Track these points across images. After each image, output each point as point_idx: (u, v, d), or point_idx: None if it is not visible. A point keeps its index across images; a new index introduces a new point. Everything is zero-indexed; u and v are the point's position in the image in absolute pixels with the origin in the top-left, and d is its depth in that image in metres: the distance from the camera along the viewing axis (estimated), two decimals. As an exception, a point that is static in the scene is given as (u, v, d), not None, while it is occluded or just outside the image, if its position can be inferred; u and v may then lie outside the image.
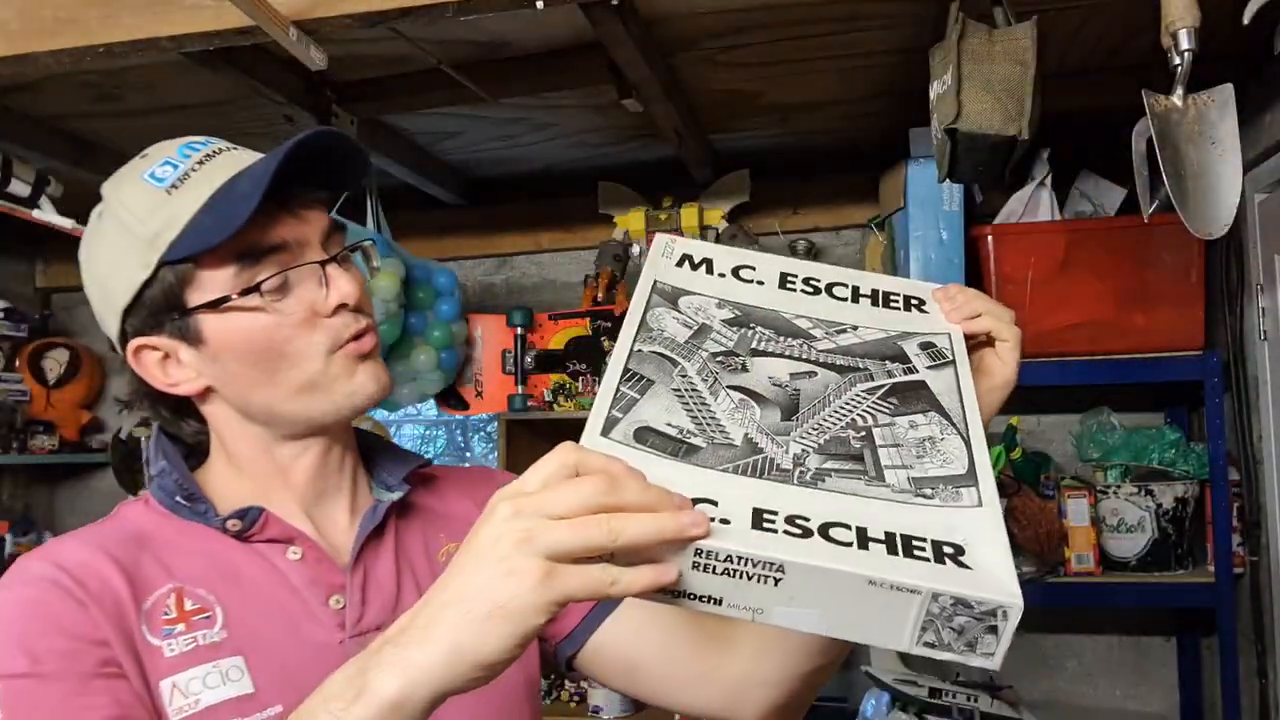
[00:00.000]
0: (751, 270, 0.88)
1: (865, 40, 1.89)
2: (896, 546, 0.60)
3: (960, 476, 0.68)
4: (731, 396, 0.73)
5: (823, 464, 0.67)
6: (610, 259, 2.67)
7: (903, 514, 0.63)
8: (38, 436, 3.04)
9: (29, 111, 2.16)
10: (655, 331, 0.79)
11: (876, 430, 0.71)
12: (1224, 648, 2.11)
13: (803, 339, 0.81)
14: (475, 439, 3.19)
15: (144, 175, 0.86)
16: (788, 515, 0.61)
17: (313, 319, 0.85)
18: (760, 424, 0.71)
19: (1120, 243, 2.21)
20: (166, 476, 0.89)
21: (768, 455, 0.67)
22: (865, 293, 0.88)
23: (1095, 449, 2.39)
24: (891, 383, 0.77)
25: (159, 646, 0.80)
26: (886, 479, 0.67)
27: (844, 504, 0.63)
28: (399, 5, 1.48)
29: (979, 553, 0.61)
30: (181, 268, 0.83)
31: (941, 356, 0.81)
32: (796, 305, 0.85)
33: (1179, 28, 1.25)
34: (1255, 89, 1.95)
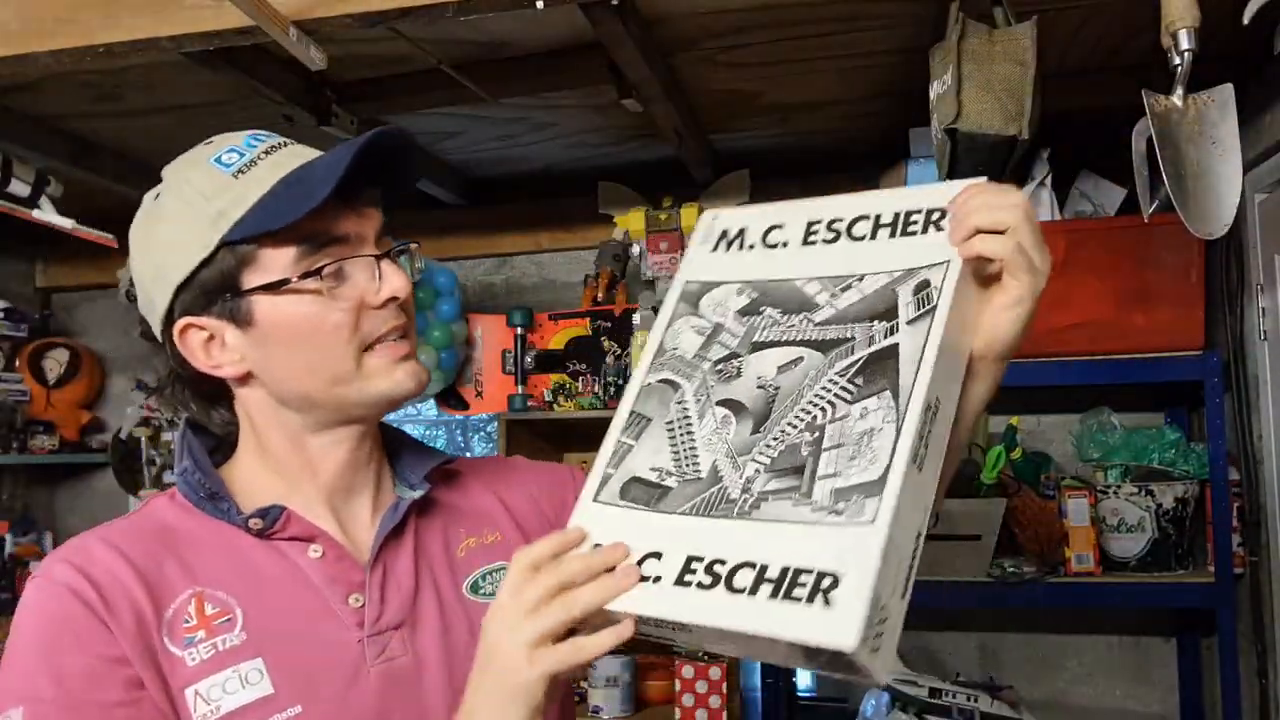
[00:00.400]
0: (780, 230, 0.91)
1: (865, 40, 1.89)
2: (781, 586, 0.70)
3: (872, 484, 0.73)
4: (716, 414, 0.83)
5: (766, 485, 0.77)
6: (610, 259, 2.67)
7: (806, 542, 0.72)
8: (38, 436, 3.04)
9: (29, 111, 2.16)
10: (669, 353, 0.88)
11: (830, 427, 0.78)
12: (1224, 648, 2.11)
13: (805, 313, 0.85)
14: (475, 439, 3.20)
15: (210, 159, 0.87)
16: (710, 561, 0.74)
17: (361, 309, 0.87)
18: (730, 444, 0.80)
19: (1120, 243, 2.21)
20: (190, 475, 0.89)
21: (724, 485, 0.78)
22: (886, 221, 0.87)
23: (1095, 449, 2.39)
24: (867, 354, 0.80)
25: (181, 656, 0.81)
26: (814, 494, 0.75)
27: (762, 537, 0.74)
28: (399, 5, 1.48)
29: (848, 584, 0.68)
30: (243, 248, 0.84)
31: (928, 302, 0.80)
32: (813, 264, 0.88)
33: (1179, 28, 1.25)
34: (1255, 89, 1.95)
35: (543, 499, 1.03)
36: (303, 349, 0.86)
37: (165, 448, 3.16)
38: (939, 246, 0.82)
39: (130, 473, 3.13)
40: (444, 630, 0.90)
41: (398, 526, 0.92)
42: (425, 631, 0.89)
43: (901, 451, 0.73)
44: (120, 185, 2.47)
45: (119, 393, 3.28)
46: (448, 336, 2.66)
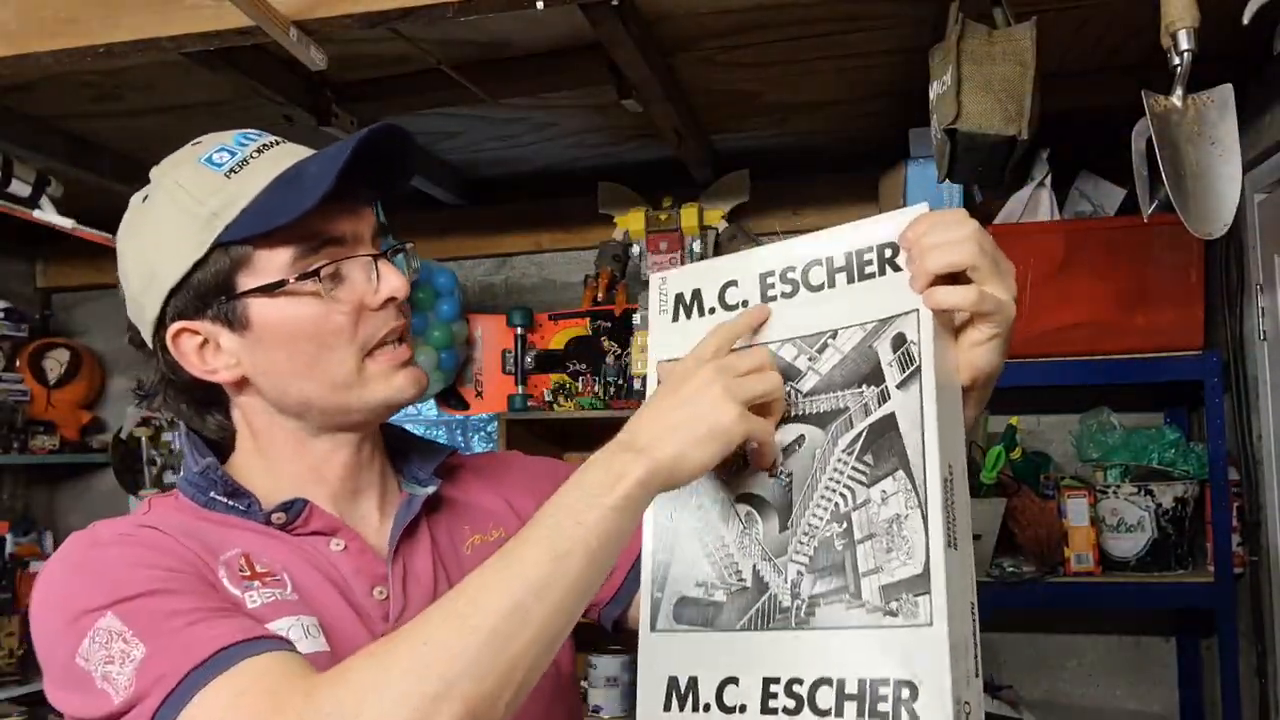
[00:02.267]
0: (736, 288, 0.87)
1: (865, 40, 1.89)
2: (865, 703, 0.71)
3: (917, 578, 0.73)
4: (739, 513, 0.82)
5: (813, 588, 0.77)
6: (610, 259, 2.67)
7: (872, 650, 0.73)
8: (38, 436, 3.04)
9: (29, 111, 2.16)
10: None
11: (855, 515, 0.77)
12: (1224, 648, 2.11)
13: (790, 382, 0.82)
14: (475, 439, 3.20)
15: (200, 159, 0.85)
16: (787, 682, 0.75)
17: (359, 311, 0.86)
18: (764, 546, 0.80)
19: (1120, 243, 2.21)
20: (212, 472, 0.88)
21: (773, 593, 0.78)
22: (840, 264, 0.82)
23: (1095, 449, 2.39)
24: (866, 427, 0.78)
25: (241, 598, 0.80)
26: (863, 594, 0.75)
27: (828, 649, 0.74)
28: (399, 5, 1.48)
29: (927, 693, 0.69)
30: (237, 250, 0.83)
31: (910, 361, 0.77)
32: (781, 324, 0.84)
33: (1179, 28, 1.25)
34: (1255, 89, 1.95)
35: (543, 493, 1.03)
36: (301, 352, 0.85)
37: (165, 448, 3.16)
38: (903, 291, 0.79)
39: (130, 473, 3.13)
40: None
41: (411, 523, 0.92)
42: None
43: (935, 539, 0.72)
44: (120, 185, 2.46)
45: (119, 393, 3.28)
46: (448, 336, 2.66)
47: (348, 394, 0.87)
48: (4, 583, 2.84)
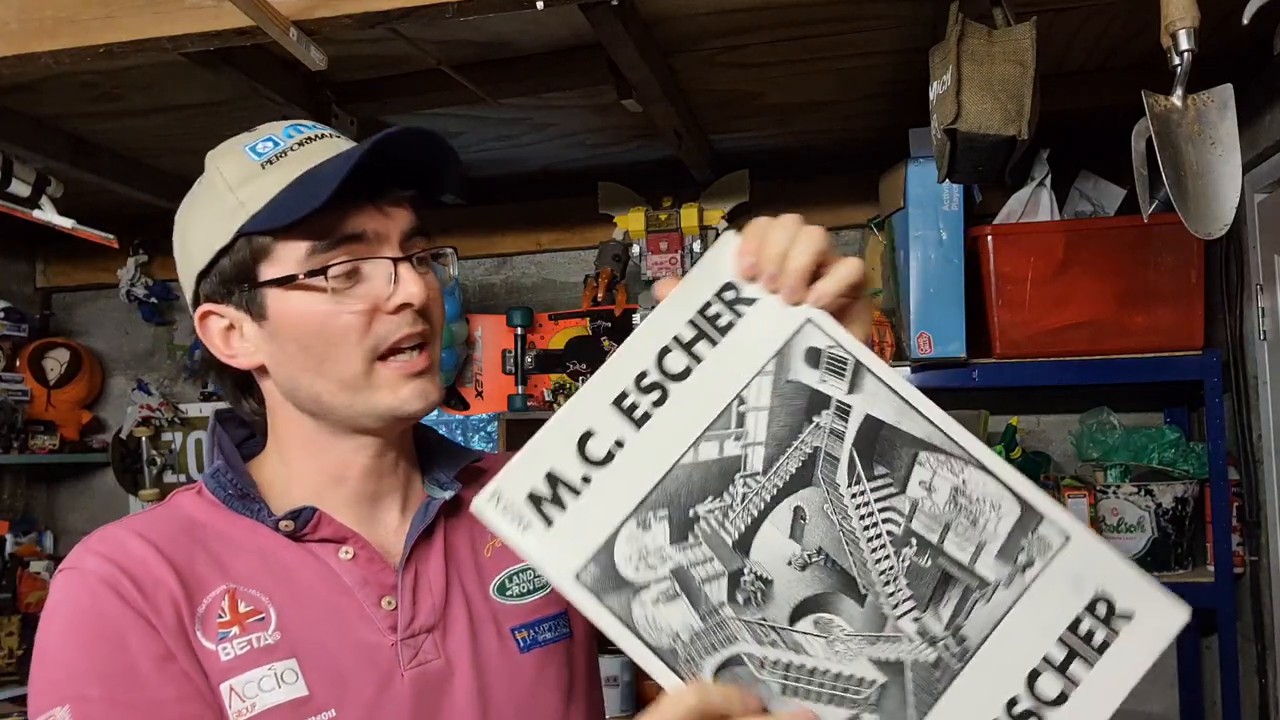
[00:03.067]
0: (595, 437, 0.72)
1: (865, 40, 1.89)
2: (1082, 654, 0.67)
3: (1021, 518, 0.69)
4: (811, 631, 0.67)
5: (943, 617, 0.68)
6: (610, 259, 2.67)
7: (1042, 609, 0.67)
8: (38, 436, 3.04)
9: (29, 111, 2.16)
10: (674, 645, 0.68)
11: (915, 525, 0.70)
12: (1224, 648, 2.11)
13: (738, 475, 0.70)
14: (475, 439, 3.20)
15: (245, 148, 0.87)
16: (1008, 706, 0.66)
17: (374, 313, 0.85)
18: (860, 633, 0.68)
19: (1120, 243, 2.21)
20: (223, 474, 0.89)
21: (911, 662, 0.67)
22: (689, 337, 0.73)
23: (1095, 449, 2.38)
24: (852, 447, 0.71)
25: (214, 650, 0.81)
26: (989, 577, 0.68)
27: (1011, 649, 0.67)
28: (399, 5, 1.48)
29: (1119, 589, 0.68)
30: (259, 241, 0.84)
31: (842, 363, 0.72)
32: (678, 434, 0.71)
33: (1179, 28, 1.25)
34: (1255, 89, 1.95)
35: None
36: (310, 348, 0.85)
37: (165, 448, 3.16)
38: (774, 314, 0.73)
39: (130, 473, 3.13)
40: (473, 633, 0.89)
41: (428, 527, 0.91)
42: (455, 634, 0.88)
43: (1004, 471, 0.70)
44: (120, 185, 2.46)
45: (119, 393, 3.28)
46: (448, 336, 2.66)
47: (354, 396, 0.86)
48: (4, 583, 2.84)
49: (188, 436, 3.17)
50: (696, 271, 0.75)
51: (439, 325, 0.89)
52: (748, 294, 0.74)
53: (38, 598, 2.90)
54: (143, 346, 3.27)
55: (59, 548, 3.22)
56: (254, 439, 0.96)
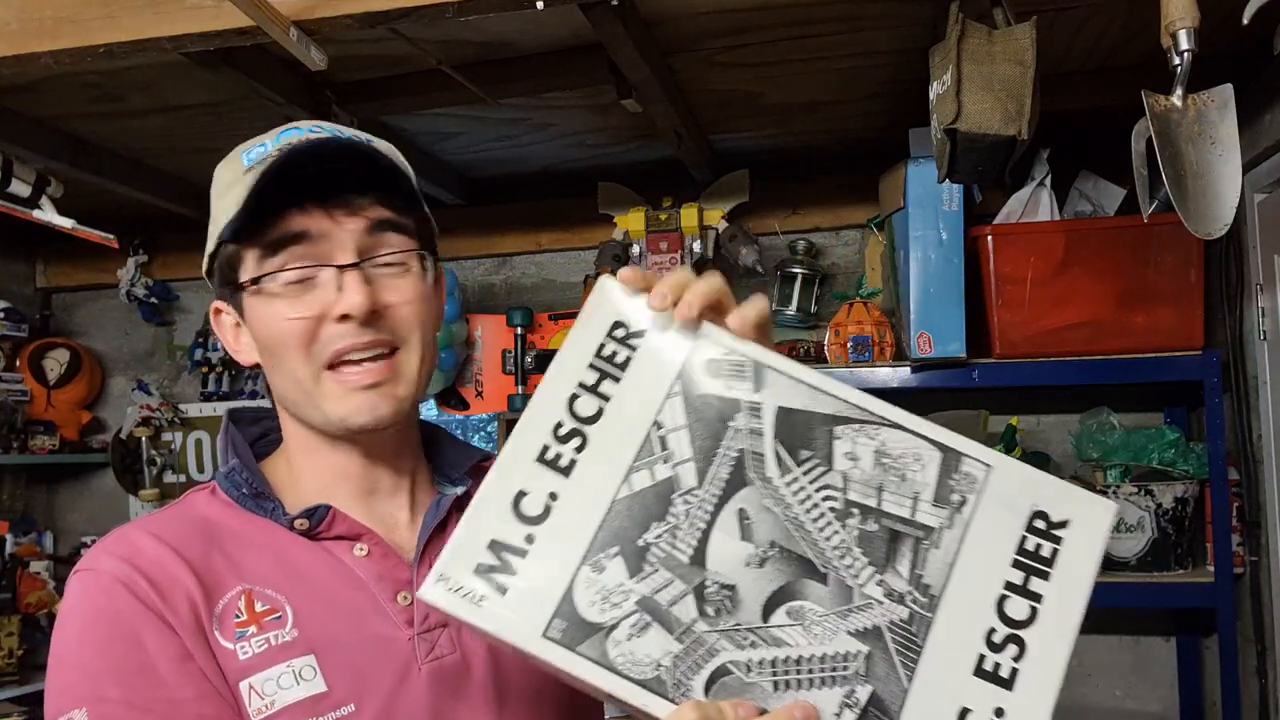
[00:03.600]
0: (528, 553, 0.71)
1: (865, 40, 1.89)
2: (1034, 571, 0.70)
3: (945, 460, 0.72)
4: (784, 623, 0.68)
5: (904, 572, 0.70)
6: (610, 259, 2.67)
7: (986, 541, 0.70)
8: (38, 436, 3.04)
9: (29, 111, 2.16)
10: (659, 675, 0.67)
11: (851, 495, 0.72)
12: (1224, 648, 2.12)
13: (676, 495, 0.71)
14: (475, 439, 3.20)
15: (243, 154, 0.87)
16: (986, 636, 0.69)
17: (320, 321, 0.84)
18: (833, 612, 0.69)
19: (1120, 243, 2.21)
20: (237, 474, 0.89)
21: (886, 625, 0.68)
22: (591, 381, 0.74)
23: (1095, 449, 2.39)
24: (771, 439, 0.73)
25: (232, 649, 0.81)
26: (931, 523, 0.71)
27: (970, 587, 0.70)
28: (399, 5, 1.48)
29: (1051, 502, 0.71)
30: (229, 248, 0.85)
31: (741, 366, 0.74)
32: (609, 478, 0.72)
33: (1179, 28, 1.25)
34: (1255, 89, 1.95)
35: None
36: (270, 351, 0.86)
37: (165, 448, 3.16)
38: (668, 338, 0.75)
39: (130, 473, 3.13)
40: None
41: (441, 524, 0.91)
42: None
43: (911, 422, 0.73)
44: (120, 185, 2.47)
45: (119, 393, 3.28)
46: (448, 336, 2.66)
47: (308, 400, 0.86)
48: (4, 583, 2.84)
49: (188, 436, 3.17)
50: (584, 317, 0.76)
51: (410, 332, 0.86)
52: (637, 327, 0.76)
53: (38, 598, 2.90)
54: (143, 346, 3.27)
55: (59, 548, 3.22)
56: (267, 437, 0.96)
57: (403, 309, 0.86)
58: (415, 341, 0.87)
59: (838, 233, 2.80)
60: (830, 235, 2.80)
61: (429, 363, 0.89)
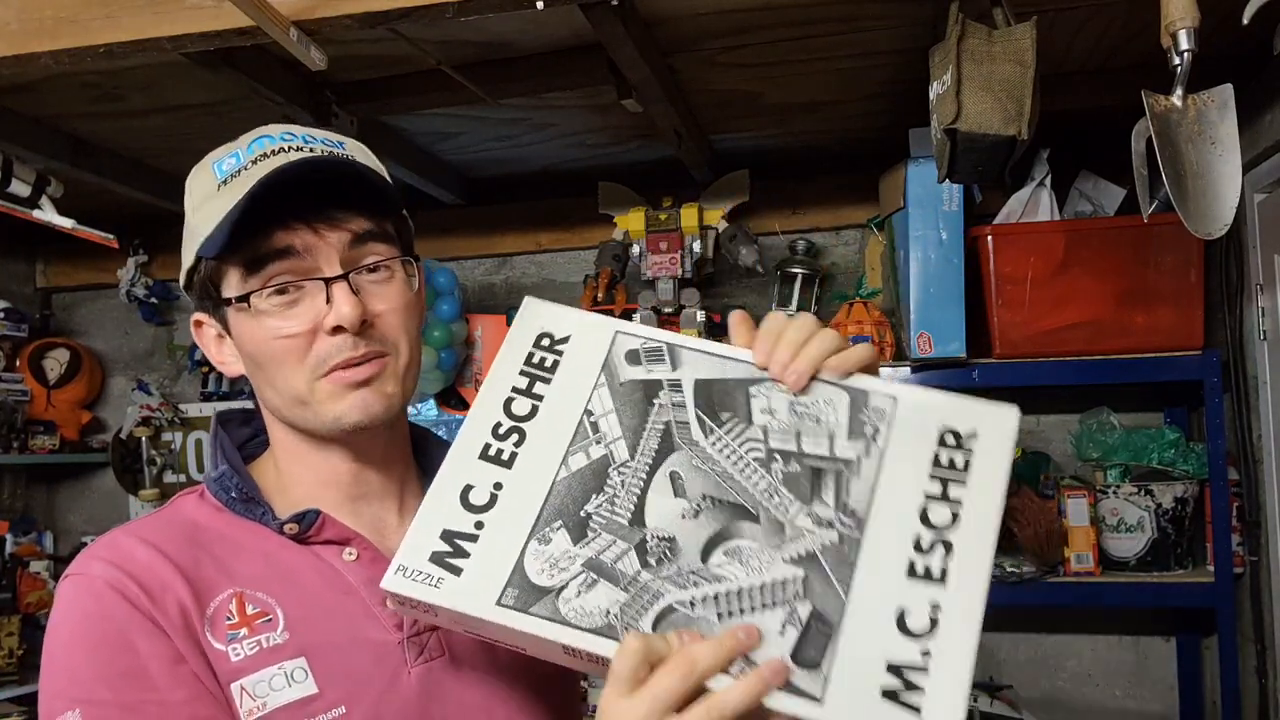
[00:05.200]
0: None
1: (865, 40, 1.89)
2: (952, 470, 0.77)
3: (854, 398, 0.79)
4: (726, 568, 0.73)
5: (832, 500, 0.76)
6: (610, 259, 2.67)
7: (907, 456, 0.77)
8: (38, 436, 3.04)
9: (29, 111, 2.16)
10: (609, 622, 0.72)
11: (773, 443, 0.79)
12: (1224, 648, 2.11)
13: (609, 481, 0.78)
14: (475, 439, 3.21)
15: (214, 164, 0.86)
16: (914, 539, 0.74)
17: (314, 334, 0.84)
18: (771, 549, 0.74)
19: (1120, 243, 2.21)
20: (227, 479, 0.89)
21: (822, 549, 0.74)
22: (524, 387, 0.83)
23: (1095, 449, 2.39)
24: (693, 409, 0.80)
25: (224, 651, 0.81)
26: (850, 454, 0.78)
27: (894, 496, 0.76)
28: (399, 6, 1.48)
29: (956, 417, 0.79)
30: (209, 263, 0.85)
31: (657, 352, 0.84)
32: (548, 463, 0.79)
33: (1179, 28, 1.25)
34: (1255, 89, 1.95)
35: None
36: (259, 366, 0.86)
37: (165, 448, 3.16)
38: (589, 339, 0.85)
39: (130, 473, 3.13)
40: None
41: None
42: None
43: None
44: (120, 185, 2.47)
45: (119, 393, 3.28)
46: (448, 336, 2.66)
47: (304, 409, 0.86)
48: (4, 583, 2.84)
49: (188, 436, 3.17)
50: (512, 334, 0.87)
51: (399, 335, 0.87)
52: (561, 335, 0.86)
53: (38, 598, 2.90)
54: (143, 346, 3.27)
55: (59, 548, 3.22)
56: (257, 439, 0.96)
57: (390, 317, 0.86)
58: (404, 347, 0.87)
59: (838, 233, 2.80)
60: (830, 235, 2.80)
61: (416, 365, 0.90)
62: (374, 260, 0.86)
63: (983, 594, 0.71)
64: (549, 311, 0.88)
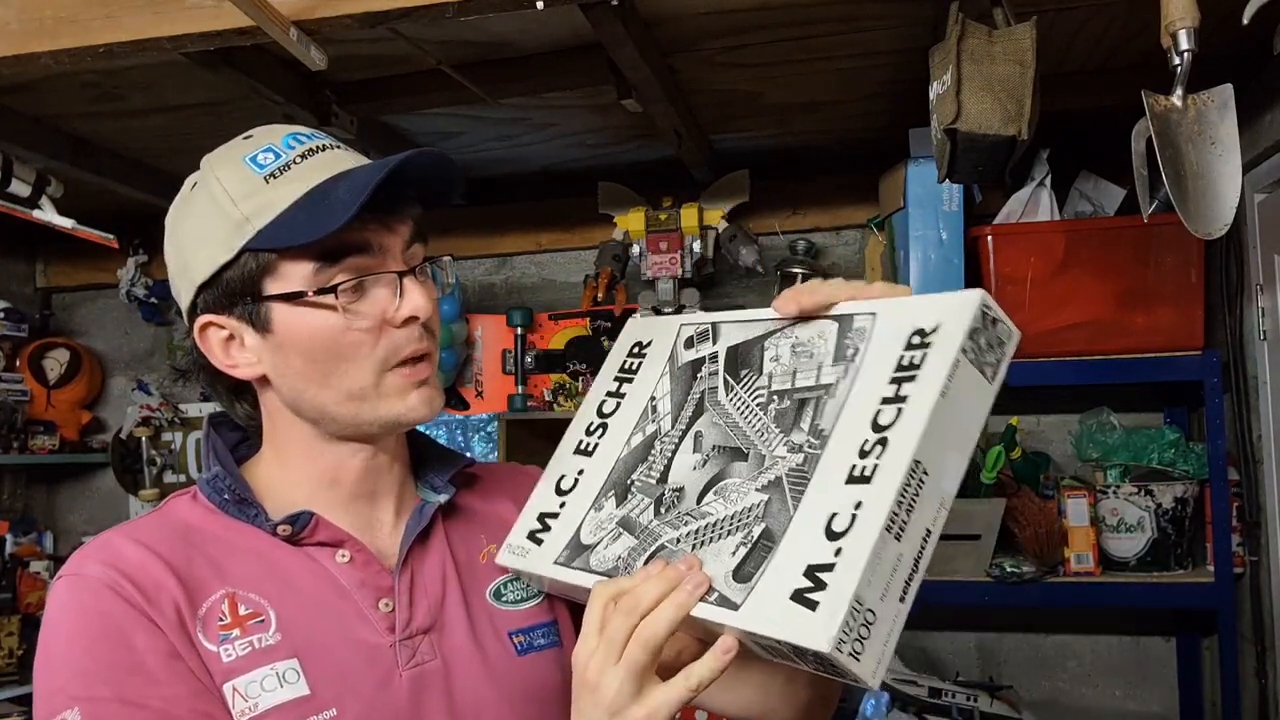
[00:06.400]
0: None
1: (865, 40, 1.89)
2: (913, 365, 0.75)
3: (840, 327, 0.81)
4: (712, 504, 0.79)
5: (802, 429, 0.78)
6: (610, 259, 2.67)
7: (868, 379, 0.77)
8: (38, 436, 3.04)
9: (29, 111, 2.16)
10: (617, 566, 0.83)
11: (774, 385, 0.83)
12: (1224, 648, 2.11)
13: (653, 451, 0.88)
14: (475, 439, 3.19)
15: (245, 158, 0.85)
16: (873, 441, 0.74)
17: (381, 327, 0.85)
18: (747, 479, 0.79)
19: (1120, 243, 2.21)
20: (221, 480, 0.89)
21: (791, 468, 0.77)
22: (614, 389, 0.97)
23: (1095, 449, 2.39)
24: (722, 372, 0.87)
25: (215, 652, 0.81)
26: (824, 381, 0.80)
27: (849, 426, 0.76)
28: (399, 5, 1.48)
29: (929, 319, 0.78)
30: (264, 256, 0.83)
31: (706, 333, 0.91)
32: (616, 445, 0.92)
33: (1179, 28, 1.25)
34: (1255, 89, 1.95)
35: None
36: (319, 362, 0.85)
37: (165, 448, 3.16)
38: (664, 336, 0.95)
39: (130, 473, 3.13)
40: (471, 634, 0.90)
41: (423, 530, 0.92)
42: (453, 635, 0.89)
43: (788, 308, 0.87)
44: (120, 185, 2.47)
45: (119, 393, 3.28)
46: (447, 336, 2.66)
47: (361, 405, 0.86)
48: (4, 583, 2.84)
49: (188, 436, 3.17)
50: (615, 346, 0.99)
51: (436, 335, 0.90)
52: (647, 340, 0.96)
53: (38, 598, 2.90)
54: (143, 346, 3.27)
55: (59, 548, 3.22)
56: (248, 441, 0.96)
57: (434, 315, 0.89)
58: (438, 342, 0.91)
59: (838, 233, 2.80)
60: (830, 235, 2.80)
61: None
62: (423, 257, 0.89)
63: (896, 481, 0.69)
64: (643, 325, 0.99)
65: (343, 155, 0.86)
